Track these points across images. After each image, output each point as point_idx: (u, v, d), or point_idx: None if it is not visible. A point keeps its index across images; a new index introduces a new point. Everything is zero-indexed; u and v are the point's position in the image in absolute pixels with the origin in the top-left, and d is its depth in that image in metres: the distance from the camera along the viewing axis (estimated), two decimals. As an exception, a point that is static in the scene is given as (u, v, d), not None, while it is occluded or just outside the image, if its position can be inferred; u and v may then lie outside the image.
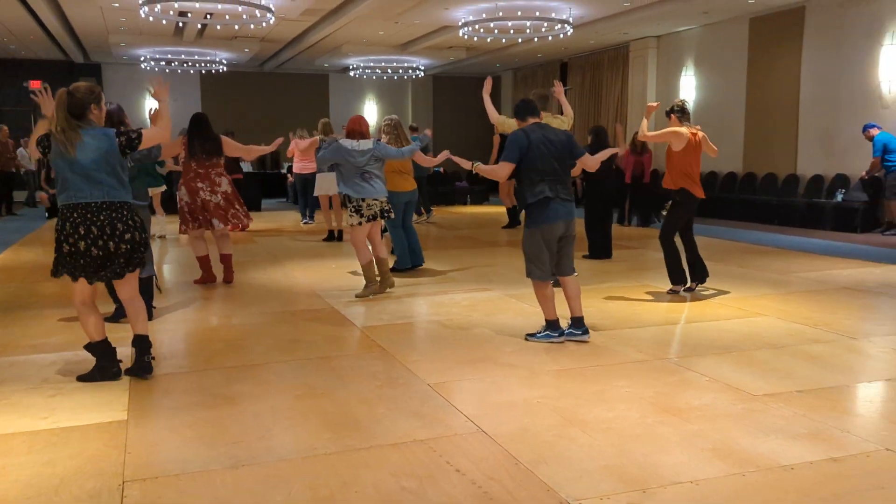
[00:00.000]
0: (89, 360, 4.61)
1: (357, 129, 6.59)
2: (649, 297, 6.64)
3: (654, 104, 7.02)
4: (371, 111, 21.64)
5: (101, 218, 4.01)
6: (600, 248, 8.71)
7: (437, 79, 21.55)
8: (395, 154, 6.75)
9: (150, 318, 5.48)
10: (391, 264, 7.39)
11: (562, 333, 5.05)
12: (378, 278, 6.68)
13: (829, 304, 6.25)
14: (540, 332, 5.09)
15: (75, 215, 4.00)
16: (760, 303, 6.30)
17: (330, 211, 10.69)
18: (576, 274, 5.14)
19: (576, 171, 7.77)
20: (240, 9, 11.88)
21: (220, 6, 11.81)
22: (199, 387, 4.17)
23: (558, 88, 6.94)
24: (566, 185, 4.95)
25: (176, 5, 11.89)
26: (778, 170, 13.01)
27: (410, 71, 19.54)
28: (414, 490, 2.91)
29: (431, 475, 3.04)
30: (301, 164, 12.41)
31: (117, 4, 12.47)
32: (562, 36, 13.80)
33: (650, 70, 15.83)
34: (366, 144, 6.51)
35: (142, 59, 17.77)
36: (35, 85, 18.68)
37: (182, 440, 3.40)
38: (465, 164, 5.26)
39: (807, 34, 12.37)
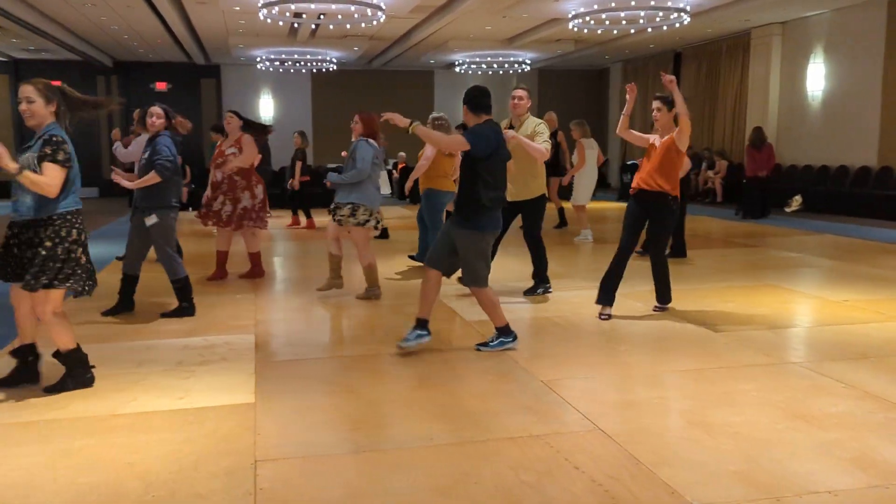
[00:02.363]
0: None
1: (378, 130, 6.29)
2: (771, 298, 6.29)
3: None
4: (476, 106, 21.67)
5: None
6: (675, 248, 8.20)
7: (543, 72, 21.31)
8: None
9: (191, 314, 5.68)
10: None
11: (515, 337, 4.77)
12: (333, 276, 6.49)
13: (980, 309, 5.73)
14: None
15: (80, 219, 3.89)
16: (899, 306, 5.85)
17: None
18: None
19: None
20: (352, 8, 12.16)
21: (333, 6, 12.13)
22: (319, 374, 4.30)
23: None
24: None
25: (292, 7, 12.32)
26: (918, 163, 12.05)
27: (516, 65, 19.41)
28: (533, 484, 2.88)
29: (549, 470, 3.00)
30: None
31: (238, 8, 13.04)
32: (677, 25, 13.30)
33: (774, 59, 14.95)
34: (378, 147, 6.31)
35: (258, 59, 18.54)
36: (161, 86, 20.08)
37: (306, 424, 3.51)
38: (403, 122, 4.66)
39: (953, 15, 11.36)
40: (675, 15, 12.52)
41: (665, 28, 13.66)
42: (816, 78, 13.99)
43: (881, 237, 9.97)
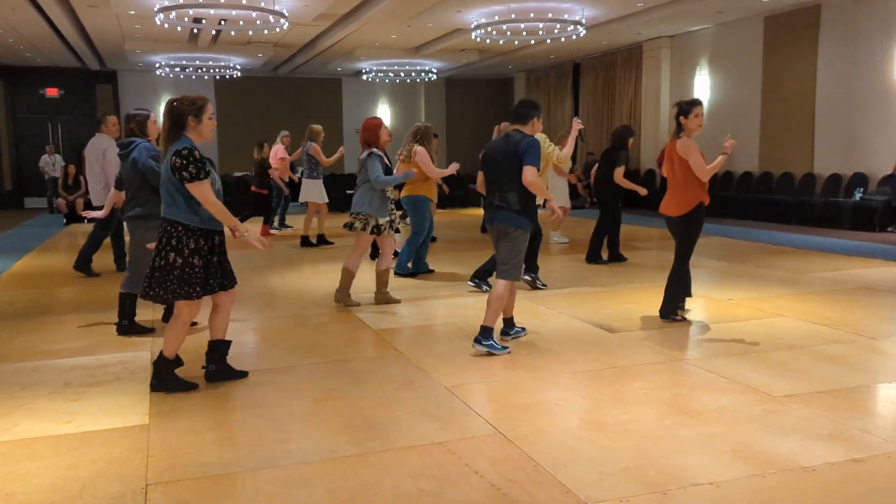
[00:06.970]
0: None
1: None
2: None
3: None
4: (384, 114, 21.69)
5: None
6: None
7: (450, 81, 21.57)
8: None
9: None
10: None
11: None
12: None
13: (848, 304, 6.20)
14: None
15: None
16: (778, 303, 6.26)
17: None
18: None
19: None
20: (253, 14, 11.94)
21: (234, 12, 11.88)
22: (218, 391, 4.19)
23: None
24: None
25: (191, 12, 11.98)
26: (794, 169, 12.92)
27: (423, 74, 19.56)
28: (433, 492, 2.92)
29: (450, 477, 3.04)
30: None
31: (133, 12, 12.57)
32: (574, 37, 13.76)
33: (664, 70, 15.77)
34: None
35: (157, 65, 17.90)
36: (52, 92, 19.06)
37: (203, 444, 3.42)
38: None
39: (823, 32, 12.27)
40: (572, 27, 12.97)
41: (563, 39, 14.12)
42: (702, 89, 14.79)
43: (764, 238, 10.62)
